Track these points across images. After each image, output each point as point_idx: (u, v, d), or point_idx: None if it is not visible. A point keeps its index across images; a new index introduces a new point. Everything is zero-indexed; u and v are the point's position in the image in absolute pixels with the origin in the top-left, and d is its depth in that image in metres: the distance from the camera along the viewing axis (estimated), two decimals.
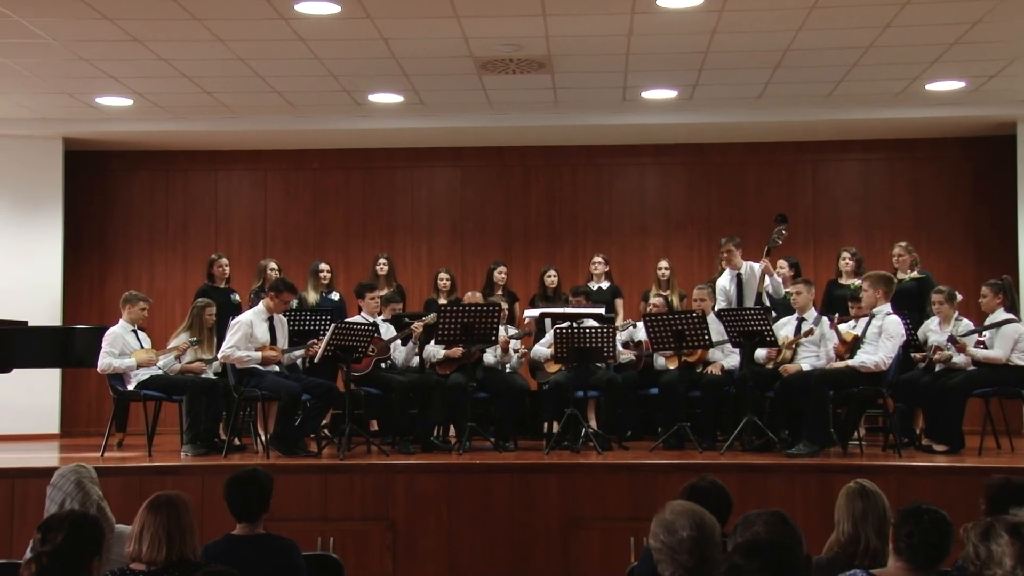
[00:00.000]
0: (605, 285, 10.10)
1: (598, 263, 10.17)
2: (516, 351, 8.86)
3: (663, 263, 10.06)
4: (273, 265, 9.79)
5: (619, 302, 10.09)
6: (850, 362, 7.62)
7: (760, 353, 8.18)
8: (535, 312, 9.29)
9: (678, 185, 11.98)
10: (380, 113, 10.86)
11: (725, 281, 8.92)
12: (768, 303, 8.66)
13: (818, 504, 6.55)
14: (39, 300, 11.01)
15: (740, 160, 11.82)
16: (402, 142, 11.74)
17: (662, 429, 8.48)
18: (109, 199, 12.03)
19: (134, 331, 8.52)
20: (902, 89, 10.01)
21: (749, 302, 8.66)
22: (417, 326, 8.55)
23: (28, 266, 11.14)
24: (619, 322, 9.51)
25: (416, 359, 8.80)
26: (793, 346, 8.13)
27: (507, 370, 8.79)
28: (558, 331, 8.24)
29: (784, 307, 8.65)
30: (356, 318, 8.77)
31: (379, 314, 8.82)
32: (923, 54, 8.92)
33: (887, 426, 8.27)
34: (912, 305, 8.59)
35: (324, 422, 8.60)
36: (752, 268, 8.74)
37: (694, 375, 8.43)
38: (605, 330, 8.27)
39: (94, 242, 11.97)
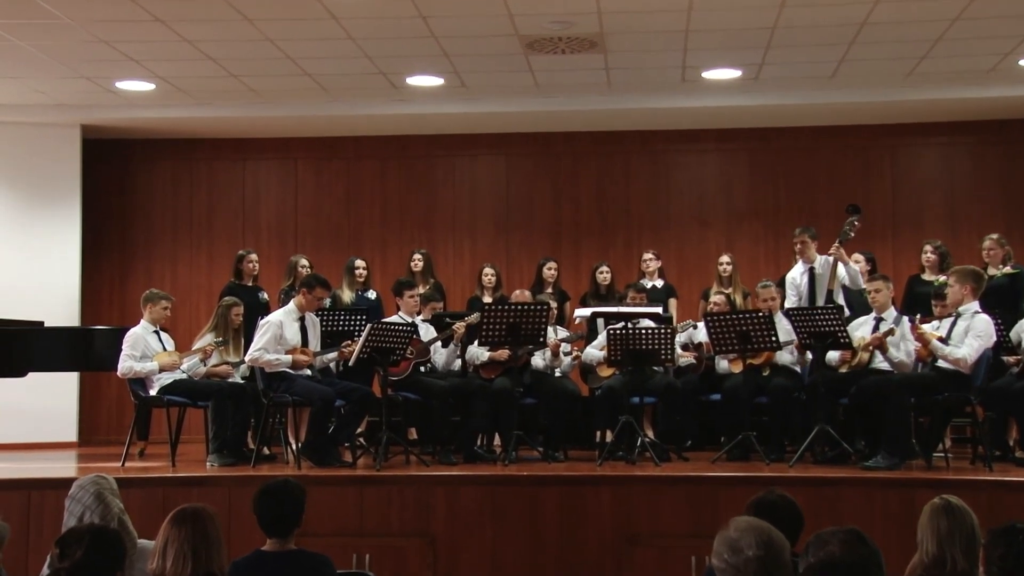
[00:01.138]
0: (659, 283, 10.06)
1: (649, 260, 10.14)
2: (567, 354, 8.85)
3: (725, 258, 9.97)
4: (304, 262, 9.84)
5: (673, 302, 10.04)
6: (934, 343, 7.48)
7: (833, 356, 8.10)
8: (587, 312, 9.26)
9: (742, 173, 11.91)
10: (419, 97, 10.89)
11: (796, 274, 8.88)
12: (842, 300, 8.57)
13: (899, 522, 6.47)
14: (56, 299, 11.15)
15: (810, 145, 11.72)
16: (442, 128, 11.78)
17: (725, 438, 8.42)
18: (130, 190, 12.21)
19: (156, 332, 8.60)
20: (993, 65, 9.87)
21: (821, 299, 8.60)
22: (459, 326, 8.57)
23: (44, 262, 11.29)
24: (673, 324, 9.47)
25: (458, 362, 8.85)
26: (870, 348, 8.02)
27: (556, 374, 8.79)
28: (612, 332, 8.22)
29: (862, 305, 8.56)
30: (394, 318, 8.80)
31: (418, 313, 8.86)
32: (1017, 26, 8.78)
33: (976, 437, 8.16)
34: (1004, 303, 8.43)
35: (359, 430, 8.68)
36: (827, 262, 8.65)
37: (760, 379, 8.37)
38: (663, 331, 8.23)
39: (114, 236, 12.15)
